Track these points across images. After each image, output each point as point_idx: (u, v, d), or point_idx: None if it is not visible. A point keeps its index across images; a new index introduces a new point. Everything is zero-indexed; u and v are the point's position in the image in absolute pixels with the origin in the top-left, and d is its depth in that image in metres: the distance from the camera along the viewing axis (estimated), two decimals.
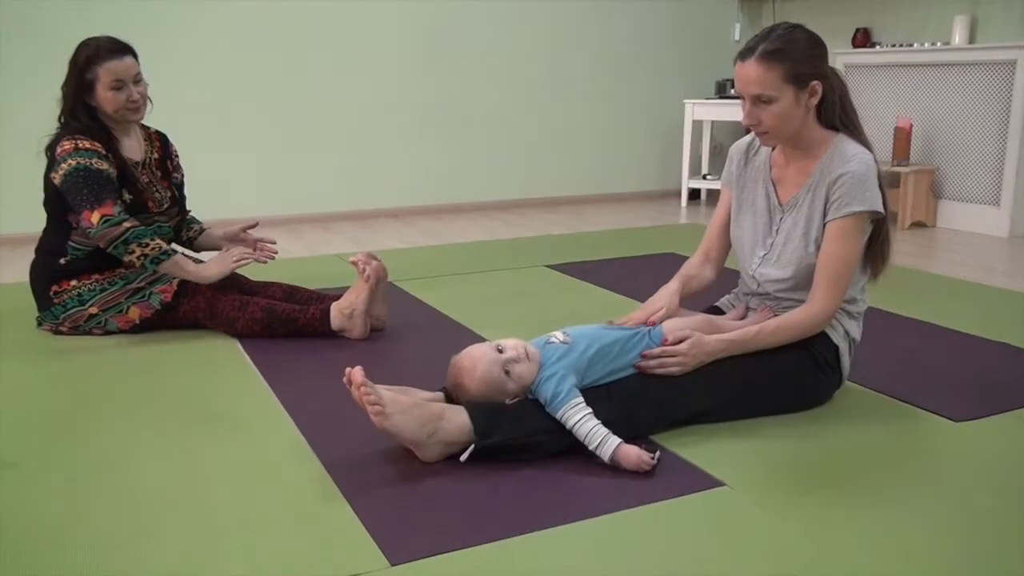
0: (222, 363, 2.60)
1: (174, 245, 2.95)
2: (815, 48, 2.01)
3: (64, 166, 2.68)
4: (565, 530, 1.60)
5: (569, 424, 1.84)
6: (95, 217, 2.67)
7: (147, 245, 2.72)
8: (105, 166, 2.72)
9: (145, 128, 2.99)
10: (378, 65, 5.26)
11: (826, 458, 1.91)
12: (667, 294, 2.21)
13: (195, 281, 2.81)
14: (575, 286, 3.56)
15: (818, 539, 1.57)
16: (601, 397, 1.91)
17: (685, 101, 5.82)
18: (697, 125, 5.97)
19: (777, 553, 1.53)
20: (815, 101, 2.03)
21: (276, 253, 2.95)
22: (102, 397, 2.32)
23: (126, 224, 2.69)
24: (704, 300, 2.41)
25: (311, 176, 5.21)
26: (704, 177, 5.94)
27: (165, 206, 2.93)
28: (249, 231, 3.07)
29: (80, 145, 2.71)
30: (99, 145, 2.74)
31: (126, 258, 2.71)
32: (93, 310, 2.80)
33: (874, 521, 1.63)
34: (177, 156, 3.08)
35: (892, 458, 1.92)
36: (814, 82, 2.01)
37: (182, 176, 3.09)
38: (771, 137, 2.08)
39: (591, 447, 1.82)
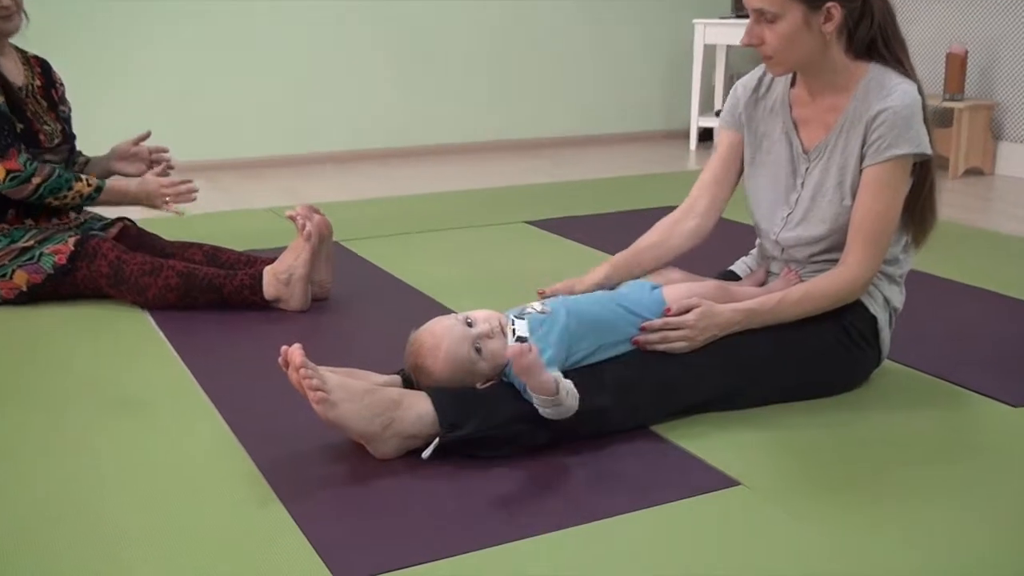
0: (130, 340, 2.58)
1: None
2: None
3: None
4: (551, 539, 1.61)
5: None
6: None
7: (72, 188, 2.79)
8: None
9: (22, 52, 2.97)
10: None
11: (861, 451, 1.93)
12: (590, 277, 2.20)
13: (142, 202, 2.90)
14: (560, 246, 3.56)
15: (851, 547, 1.59)
16: (592, 380, 1.91)
17: (695, 21, 5.79)
18: (709, 51, 5.95)
19: (802, 564, 1.54)
20: (831, 27, 2.01)
21: (196, 191, 2.97)
22: None
23: (35, 180, 2.73)
24: (716, 263, 2.41)
25: (237, 113, 5.16)
26: (717, 114, 5.94)
27: (56, 141, 2.91)
28: (142, 143, 3.07)
29: None
30: None
31: (54, 203, 2.80)
32: None
33: (918, 525, 1.65)
34: (63, 86, 3.06)
35: (939, 450, 1.94)
36: (829, 3, 1.99)
37: (70, 110, 3.07)
38: (775, 64, 2.09)
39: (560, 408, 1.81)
